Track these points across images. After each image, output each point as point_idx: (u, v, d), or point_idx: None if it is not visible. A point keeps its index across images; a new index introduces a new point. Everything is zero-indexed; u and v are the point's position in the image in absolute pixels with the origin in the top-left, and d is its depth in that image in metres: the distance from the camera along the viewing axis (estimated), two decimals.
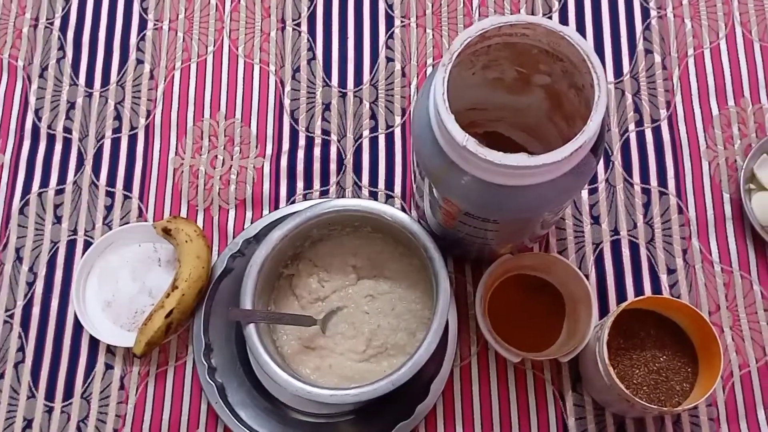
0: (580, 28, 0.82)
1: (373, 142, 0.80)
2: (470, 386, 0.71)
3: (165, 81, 0.83)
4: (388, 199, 0.78)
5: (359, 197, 0.78)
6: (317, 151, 0.80)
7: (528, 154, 0.47)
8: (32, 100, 0.82)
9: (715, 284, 0.73)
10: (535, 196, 0.51)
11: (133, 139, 0.81)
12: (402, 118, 0.80)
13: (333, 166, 0.79)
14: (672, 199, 0.76)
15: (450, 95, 0.53)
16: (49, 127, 0.81)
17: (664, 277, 0.73)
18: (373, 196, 0.78)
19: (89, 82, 0.83)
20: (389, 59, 0.82)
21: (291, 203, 0.78)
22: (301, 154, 0.79)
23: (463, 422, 0.70)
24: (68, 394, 0.72)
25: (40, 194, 0.79)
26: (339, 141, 0.80)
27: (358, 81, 0.82)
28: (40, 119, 0.81)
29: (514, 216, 0.54)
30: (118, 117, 0.82)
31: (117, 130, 0.81)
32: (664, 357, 0.65)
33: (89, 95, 0.82)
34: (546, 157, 0.47)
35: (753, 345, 0.71)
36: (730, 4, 0.82)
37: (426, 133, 0.53)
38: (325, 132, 0.80)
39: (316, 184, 0.79)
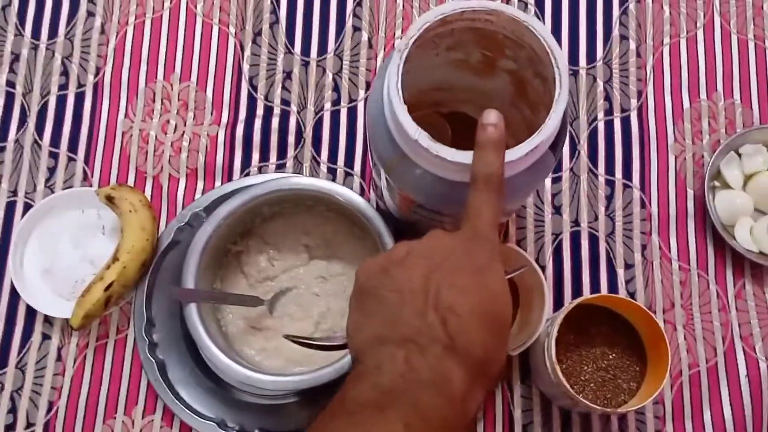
0: (556, 10, 0.78)
1: (335, 115, 0.77)
2: None
3: (117, 37, 0.78)
4: (347, 177, 0.75)
5: (317, 173, 0.75)
6: (275, 122, 0.76)
7: None
8: None
9: (672, 282, 0.72)
10: None
11: (80, 98, 0.76)
12: (366, 93, 0.77)
13: (291, 139, 0.76)
14: (635, 192, 0.74)
15: (413, 75, 0.50)
16: None
17: (621, 272, 0.72)
18: (332, 172, 0.75)
19: (35, 34, 0.78)
20: (356, 28, 0.79)
21: (245, 175, 0.75)
22: (258, 123, 0.76)
23: None
24: (2, 363, 0.70)
25: None
26: (299, 112, 0.76)
27: (323, 50, 0.78)
28: None
29: None
30: (65, 72, 0.77)
31: (63, 86, 0.76)
32: (614, 355, 0.64)
33: (35, 47, 0.77)
34: None
35: (705, 345, 0.70)
36: None
37: (380, 122, 0.50)
38: (285, 102, 0.77)
39: (273, 156, 0.75)
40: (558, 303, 0.71)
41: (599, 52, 0.78)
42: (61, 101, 0.76)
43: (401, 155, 0.48)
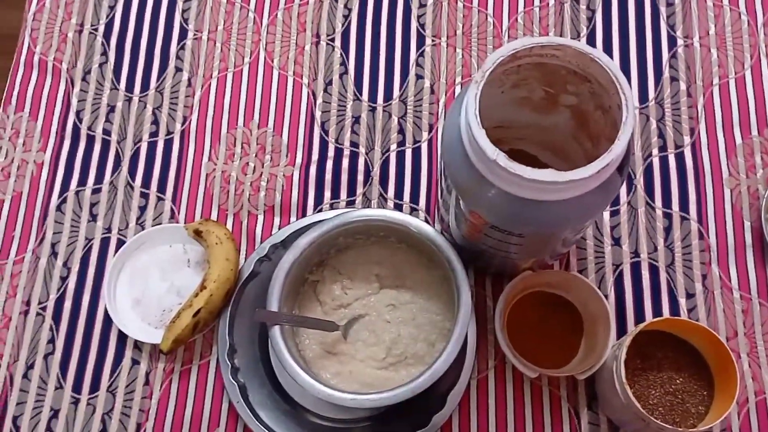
0: (607, 54, 0.83)
1: (400, 155, 0.82)
2: (486, 399, 0.72)
3: (202, 89, 0.86)
4: (413, 211, 0.80)
5: (385, 209, 0.80)
6: (345, 163, 0.82)
7: (556, 171, 0.49)
8: (74, 101, 0.85)
9: (734, 310, 0.73)
10: (561, 211, 0.52)
11: (168, 144, 0.83)
12: (429, 134, 0.82)
13: (360, 178, 0.81)
14: (693, 224, 0.77)
15: (480, 112, 0.55)
16: (89, 128, 0.84)
17: (683, 301, 0.74)
18: (398, 208, 0.80)
19: (129, 87, 0.86)
20: (419, 76, 0.85)
21: (318, 212, 0.80)
22: (329, 164, 0.82)
23: None
24: (95, 387, 0.74)
25: (77, 192, 0.82)
26: (367, 153, 0.82)
27: (388, 96, 0.84)
28: (81, 120, 0.85)
29: (538, 230, 0.56)
30: (155, 121, 0.84)
31: (154, 134, 0.84)
32: (681, 379, 0.66)
33: (129, 99, 0.86)
34: (574, 174, 0.48)
35: None
36: (756, 36, 0.84)
37: (456, 147, 0.54)
38: (354, 144, 0.83)
39: (343, 194, 0.81)
40: (621, 332, 0.73)
41: (651, 93, 0.82)
42: (152, 147, 0.83)
43: (478, 177, 0.53)
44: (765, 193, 0.76)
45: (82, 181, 0.82)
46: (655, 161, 0.79)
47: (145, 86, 0.86)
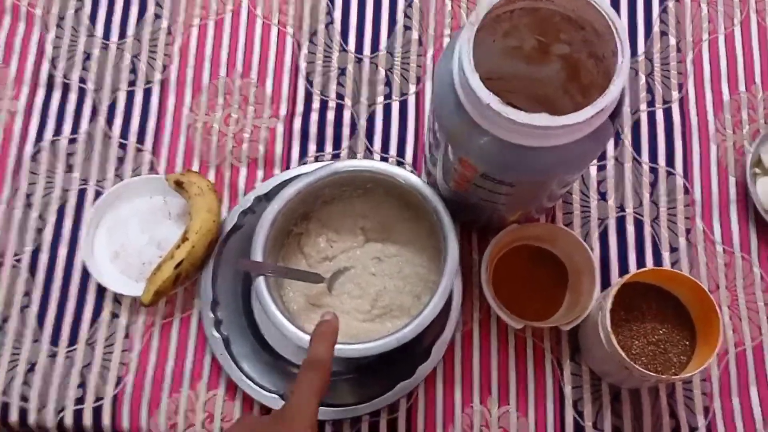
0: None
1: (387, 108, 0.81)
2: (471, 351, 0.72)
3: (182, 37, 0.83)
4: (400, 165, 0.78)
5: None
6: (330, 115, 0.80)
7: (549, 115, 0.48)
8: (49, 48, 0.82)
9: (716, 264, 0.74)
10: (553, 158, 0.52)
11: (148, 93, 0.81)
12: (416, 87, 0.81)
13: (346, 131, 0.80)
14: (679, 179, 0.77)
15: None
16: (64, 76, 0.81)
17: (666, 255, 0.74)
18: (384, 161, 0.78)
19: (106, 34, 0.83)
20: (407, 27, 0.83)
21: (302, 164, 0.79)
22: (314, 116, 0.80)
23: (462, 385, 0.71)
24: (73, 340, 0.73)
25: (52, 142, 0.79)
26: (353, 106, 0.81)
27: (375, 47, 0.83)
28: (55, 68, 0.82)
29: (529, 178, 0.55)
30: (134, 70, 0.82)
31: (132, 83, 0.81)
32: (664, 330, 0.66)
33: (106, 47, 0.83)
34: (567, 118, 0.48)
35: (749, 324, 0.72)
36: None
37: (448, 93, 0.53)
38: (340, 96, 0.81)
39: (328, 147, 0.79)
40: (605, 285, 0.74)
41: (640, 48, 0.81)
42: (130, 96, 0.81)
43: (469, 123, 0.52)
44: (750, 148, 0.76)
45: (58, 131, 0.79)
46: (643, 116, 0.79)
47: (122, 33, 0.83)
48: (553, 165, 0.53)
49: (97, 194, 0.77)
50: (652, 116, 0.79)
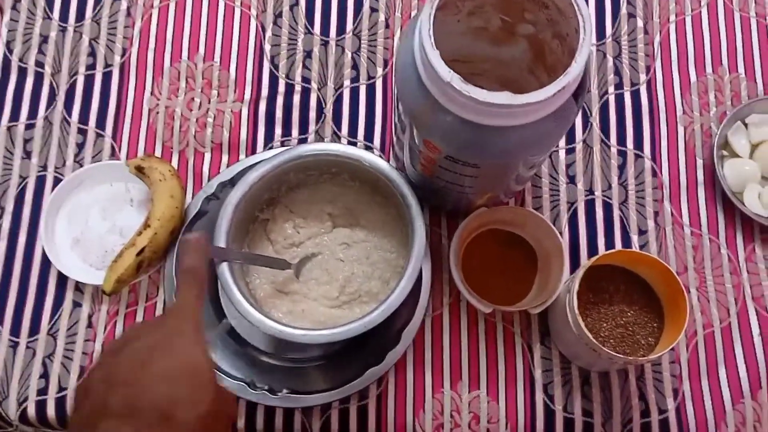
0: None
1: (354, 92, 0.79)
2: (441, 336, 0.72)
3: (142, 19, 0.81)
4: (367, 149, 0.77)
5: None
6: (296, 99, 0.79)
7: (511, 93, 0.47)
8: (3, 31, 0.80)
9: (684, 246, 0.74)
10: (516, 138, 0.51)
11: (107, 77, 0.79)
12: (384, 70, 0.80)
13: (312, 114, 0.78)
14: (647, 162, 0.77)
15: (435, 41, 0.53)
16: (20, 60, 0.79)
17: (635, 238, 0.74)
18: (352, 146, 0.77)
19: (64, 17, 0.81)
20: (373, 9, 0.82)
21: (268, 149, 0.77)
22: (280, 100, 0.78)
23: (432, 370, 0.71)
24: (34, 329, 0.71)
25: (9, 128, 0.77)
26: (319, 89, 0.79)
27: (341, 30, 0.81)
28: (11, 52, 0.79)
29: (494, 159, 0.54)
30: (92, 53, 0.79)
31: (91, 66, 0.79)
32: (632, 312, 0.66)
33: (63, 30, 0.80)
34: (529, 96, 0.47)
35: (718, 306, 0.72)
36: None
37: (410, 73, 0.52)
38: (306, 80, 0.79)
39: (295, 131, 0.78)
40: (574, 268, 0.73)
41: (608, 30, 0.81)
42: (89, 80, 0.78)
43: (432, 103, 0.51)
44: (717, 131, 0.76)
45: (14, 116, 0.77)
46: (611, 99, 0.78)
47: (80, 15, 0.81)
48: (517, 145, 0.52)
49: (57, 181, 0.75)
50: (620, 99, 0.78)
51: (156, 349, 0.43)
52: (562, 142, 0.77)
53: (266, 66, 0.79)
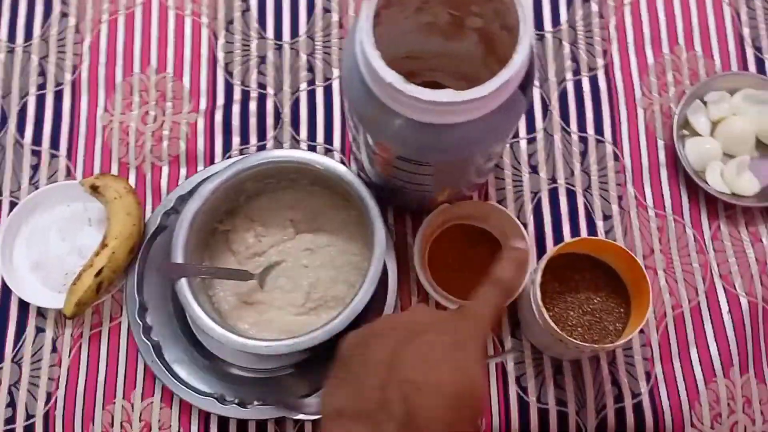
0: None
1: (311, 95, 0.78)
2: None
3: (91, 35, 0.79)
4: (327, 153, 0.77)
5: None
6: (253, 106, 0.78)
7: (454, 90, 0.46)
8: None
9: (650, 228, 0.74)
10: (465, 135, 0.50)
11: (59, 96, 0.77)
12: (340, 71, 0.79)
13: (270, 120, 0.77)
14: (608, 146, 0.76)
15: (385, 41, 0.52)
16: None
17: (600, 223, 0.74)
18: (312, 150, 0.77)
19: (11, 37, 0.79)
20: (326, 10, 0.81)
21: (227, 158, 0.76)
22: (236, 108, 0.77)
23: None
24: None
25: None
26: (275, 95, 0.78)
27: (295, 33, 0.80)
28: None
29: (446, 157, 0.54)
30: (42, 73, 0.78)
31: (42, 86, 0.78)
32: (598, 299, 0.66)
33: (11, 50, 0.79)
34: (472, 93, 0.46)
35: (686, 286, 0.72)
36: None
37: (354, 75, 0.51)
38: (261, 85, 0.78)
39: (253, 139, 0.77)
40: (542, 257, 0.73)
41: (563, 16, 0.80)
42: (41, 100, 0.77)
43: (378, 105, 0.50)
44: (677, 110, 0.76)
45: None
46: (569, 85, 0.78)
47: (28, 35, 0.79)
48: (467, 141, 0.51)
49: (13, 205, 0.74)
50: (578, 85, 0.78)
51: (447, 353, 0.40)
52: (522, 132, 0.77)
53: (220, 74, 0.78)
